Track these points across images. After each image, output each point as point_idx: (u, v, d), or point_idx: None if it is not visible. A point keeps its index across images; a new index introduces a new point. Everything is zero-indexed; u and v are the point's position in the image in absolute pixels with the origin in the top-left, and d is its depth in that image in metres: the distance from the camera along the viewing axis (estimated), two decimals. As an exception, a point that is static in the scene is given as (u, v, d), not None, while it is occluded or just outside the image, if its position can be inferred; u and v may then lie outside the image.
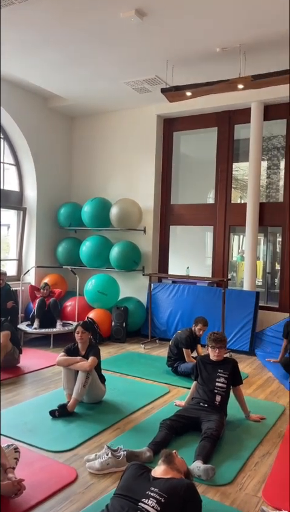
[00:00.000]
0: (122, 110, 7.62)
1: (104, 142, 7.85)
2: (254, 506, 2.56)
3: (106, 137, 7.82)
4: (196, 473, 2.79)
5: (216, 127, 7.10)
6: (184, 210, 7.45)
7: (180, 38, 4.91)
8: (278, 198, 6.85)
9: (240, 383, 3.78)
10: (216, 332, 3.83)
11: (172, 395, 4.42)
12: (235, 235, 7.80)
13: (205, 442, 3.12)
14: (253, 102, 6.50)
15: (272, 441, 3.45)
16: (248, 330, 6.23)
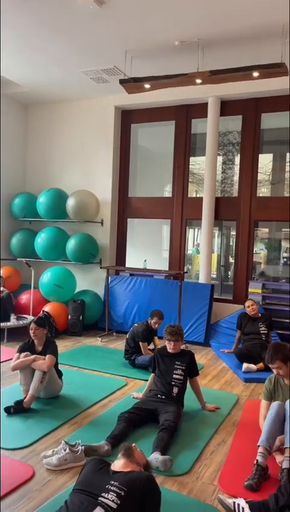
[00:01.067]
0: (79, 100, 7.48)
1: (60, 131, 7.68)
2: (211, 494, 2.63)
3: (63, 126, 7.66)
4: (154, 465, 2.82)
5: (174, 121, 7.14)
6: (142, 203, 7.46)
7: (139, 29, 4.87)
8: (232, 193, 7.01)
9: (196, 374, 3.86)
10: (172, 326, 3.87)
11: (129, 388, 4.44)
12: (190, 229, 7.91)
13: (163, 434, 3.17)
14: (210, 97, 6.59)
15: (226, 429, 3.56)
16: (203, 322, 6.36)
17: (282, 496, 2.20)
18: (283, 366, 3.10)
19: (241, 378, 4.86)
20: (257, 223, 6.79)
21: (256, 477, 2.67)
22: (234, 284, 6.85)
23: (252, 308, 5.53)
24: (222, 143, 7.06)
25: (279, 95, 6.32)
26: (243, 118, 6.67)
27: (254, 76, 4.90)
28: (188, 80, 5.17)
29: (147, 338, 5.13)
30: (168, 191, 7.46)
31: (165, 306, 6.21)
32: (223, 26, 4.71)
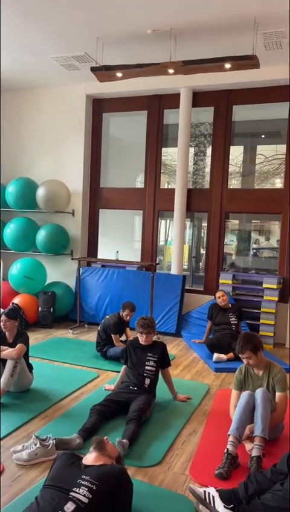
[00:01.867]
0: (50, 87, 7.30)
1: (30, 119, 7.49)
2: (182, 484, 2.66)
3: (33, 114, 7.47)
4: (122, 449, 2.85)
5: (146, 111, 7.08)
6: (114, 193, 7.40)
7: (111, 16, 4.78)
8: (204, 185, 7.05)
9: (168, 365, 3.88)
10: (144, 318, 3.87)
11: (101, 380, 4.43)
12: (162, 220, 7.92)
13: (130, 425, 3.17)
14: (182, 88, 6.56)
15: (197, 419, 3.60)
16: (175, 313, 6.41)
17: (251, 483, 2.24)
18: (253, 356, 3.15)
19: (212, 368, 4.93)
20: (228, 214, 6.86)
21: (226, 466, 2.72)
22: (205, 275, 6.91)
23: (222, 299, 5.61)
24: (194, 134, 7.07)
25: (251, 88, 6.36)
26: (215, 109, 6.69)
27: (226, 67, 4.90)
28: (161, 70, 5.12)
29: (119, 330, 5.12)
30: (140, 181, 7.43)
31: (137, 297, 6.20)
32: (195, 16, 4.68)
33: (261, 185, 6.95)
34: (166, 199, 6.98)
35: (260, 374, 3.23)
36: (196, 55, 5.34)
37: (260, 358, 3.18)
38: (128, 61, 5.59)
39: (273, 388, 3.17)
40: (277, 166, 6.72)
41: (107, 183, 7.55)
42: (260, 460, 2.75)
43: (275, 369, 3.22)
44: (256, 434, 2.87)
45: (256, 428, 2.89)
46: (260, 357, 3.19)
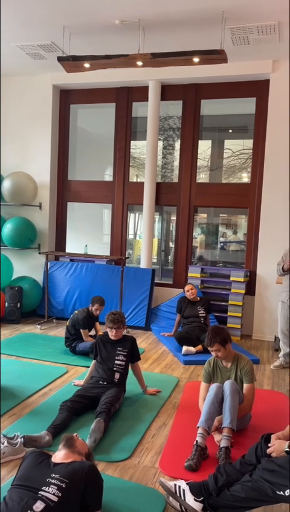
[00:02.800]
0: (15, 76, 7.09)
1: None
2: (152, 477, 2.67)
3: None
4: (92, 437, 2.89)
5: (115, 103, 7.00)
6: (82, 186, 7.30)
7: (78, 4, 4.67)
8: (173, 179, 7.06)
9: (138, 359, 3.89)
10: (114, 313, 3.85)
11: (70, 375, 4.39)
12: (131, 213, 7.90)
13: (99, 419, 3.16)
14: (151, 81, 6.53)
15: (167, 412, 3.63)
16: (144, 306, 6.42)
17: (221, 475, 2.28)
18: (221, 349, 3.19)
19: (181, 361, 4.98)
20: (196, 208, 6.91)
21: (195, 458, 2.76)
22: (174, 268, 6.95)
23: (191, 292, 5.66)
24: (163, 128, 7.05)
25: (218, 82, 6.40)
26: (183, 103, 6.69)
27: (194, 61, 4.90)
28: (129, 62, 5.06)
29: (88, 324, 5.08)
30: (109, 174, 7.36)
31: (106, 291, 6.17)
32: (163, 8, 4.64)
33: (229, 179, 7.04)
34: (135, 193, 6.95)
35: (228, 366, 3.29)
36: (165, 48, 5.31)
37: (228, 351, 3.23)
38: (97, 52, 5.50)
39: (241, 380, 3.23)
40: (244, 160, 6.81)
41: (76, 176, 7.44)
42: (229, 451, 2.81)
43: (243, 361, 3.28)
44: (224, 425, 2.92)
45: (224, 419, 2.94)
46: (229, 349, 3.24)
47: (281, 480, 2.04)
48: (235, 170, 7.02)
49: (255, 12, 4.62)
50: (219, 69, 5.85)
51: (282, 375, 4.69)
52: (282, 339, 4.99)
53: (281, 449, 2.16)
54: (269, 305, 6.08)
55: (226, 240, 7.57)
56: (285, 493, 2.02)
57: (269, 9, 4.54)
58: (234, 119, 7.21)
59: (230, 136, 7.34)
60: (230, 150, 7.09)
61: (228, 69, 5.90)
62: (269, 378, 4.59)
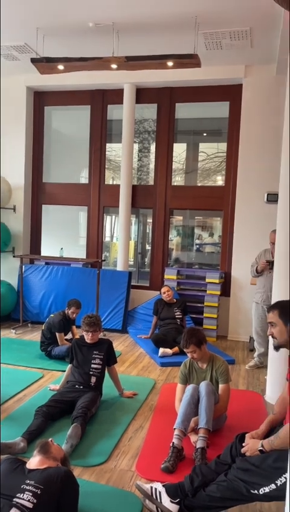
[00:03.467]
0: (-13, 77, 6.98)
1: None
2: (129, 480, 2.67)
3: None
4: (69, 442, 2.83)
5: (89, 105, 6.98)
6: (57, 189, 7.25)
7: (51, 6, 4.64)
8: (148, 181, 7.09)
9: (114, 362, 3.88)
10: (90, 316, 3.83)
11: (46, 380, 4.34)
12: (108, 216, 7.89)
13: (75, 424, 3.13)
14: (126, 84, 6.54)
15: (144, 415, 3.63)
16: (121, 309, 6.41)
17: (196, 476, 2.29)
18: (197, 350, 3.22)
19: (157, 363, 4.99)
20: (172, 211, 6.96)
21: (172, 459, 2.77)
22: (151, 270, 6.97)
23: (167, 294, 5.68)
24: (138, 130, 7.08)
25: (192, 86, 6.46)
26: (158, 106, 6.73)
27: (168, 65, 4.94)
28: (104, 64, 5.06)
29: (64, 328, 5.03)
30: (85, 177, 7.33)
31: (83, 294, 6.13)
32: (137, 12, 4.66)
33: (204, 182, 7.11)
34: (111, 195, 6.94)
35: (203, 367, 3.32)
36: (139, 52, 5.33)
37: (203, 352, 3.26)
38: (71, 54, 5.48)
39: (216, 380, 3.27)
40: (219, 164, 6.90)
41: (50, 178, 7.38)
42: (205, 451, 2.83)
43: (218, 361, 3.31)
44: (200, 426, 2.94)
45: (200, 420, 2.97)
46: (204, 350, 3.27)
47: (256, 479, 2.07)
48: (210, 173, 7.11)
49: (227, 18, 4.69)
50: (192, 73, 5.91)
51: (257, 375, 4.76)
52: (256, 339, 5.07)
53: (255, 448, 2.19)
54: (244, 306, 6.16)
55: (202, 242, 7.65)
56: (259, 492, 2.05)
57: (241, 15, 4.62)
58: (209, 123, 7.30)
59: (205, 140, 7.43)
60: (205, 153, 7.18)
61: (201, 73, 5.97)
62: (244, 378, 4.65)
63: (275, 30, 4.85)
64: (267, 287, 4.78)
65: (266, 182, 5.96)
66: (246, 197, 6.17)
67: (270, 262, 4.65)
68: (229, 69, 6.05)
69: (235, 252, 6.29)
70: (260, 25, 4.81)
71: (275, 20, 4.61)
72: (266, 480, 2.03)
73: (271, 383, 4.10)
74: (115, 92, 6.74)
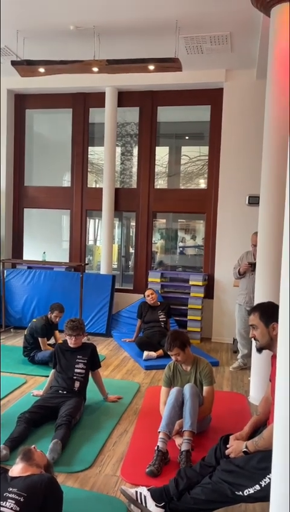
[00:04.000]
0: None
1: None
2: (113, 486, 2.64)
3: None
4: (52, 456, 2.79)
5: (71, 108, 6.96)
6: (39, 192, 7.19)
7: (31, 8, 4.61)
8: (131, 185, 7.09)
9: (98, 366, 3.85)
10: (73, 320, 3.80)
11: (29, 386, 4.28)
12: (91, 219, 7.87)
13: (60, 430, 3.10)
14: (107, 87, 6.54)
15: (128, 419, 3.61)
16: (105, 313, 6.37)
17: (181, 479, 2.29)
18: (181, 353, 3.22)
19: (142, 366, 4.97)
20: (155, 214, 6.97)
21: (157, 463, 2.75)
22: (134, 273, 6.96)
23: (151, 297, 5.68)
24: (120, 134, 7.08)
25: (174, 90, 6.50)
26: (140, 109, 6.75)
27: (149, 69, 4.96)
28: (85, 67, 5.05)
29: (47, 333, 4.98)
30: (67, 180, 7.29)
31: (66, 299, 6.07)
32: (118, 15, 4.67)
33: (187, 185, 7.15)
34: (94, 198, 6.92)
35: (188, 370, 3.32)
36: (121, 55, 5.33)
37: (187, 354, 3.27)
38: (52, 57, 5.45)
39: (200, 382, 3.27)
40: (201, 167, 6.94)
41: (32, 182, 7.32)
42: (189, 454, 2.82)
43: (202, 364, 3.32)
44: (185, 429, 2.94)
45: (185, 423, 2.96)
46: (188, 353, 3.27)
47: (240, 481, 2.07)
48: (193, 176, 7.15)
49: (207, 22, 4.73)
50: (174, 76, 5.94)
51: (241, 376, 4.79)
52: (240, 340, 5.10)
53: (239, 449, 2.20)
54: (227, 308, 6.20)
55: (185, 244, 7.68)
56: (244, 493, 2.05)
57: (221, 20, 4.67)
58: (190, 126, 7.35)
59: (187, 143, 7.47)
60: (187, 156, 7.22)
61: (183, 77, 6.01)
62: (228, 380, 4.67)
63: (255, 35, 4.91)
64: (249, 288, 4.82)
65: (247, 184, 6.02)
66: (228, 199, 6.22)
67: (252, 264, 4.69)
68: (210, 73, 6.10)
69: (218, 254, 6.33)
70: (240, 30, 4.87)
71: (254, 25, 4.68)
72: (251, 481, 2.03)
73: (255, 384, 4.12)
74: (97, 95, 6.73)
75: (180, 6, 4.43)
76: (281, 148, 3.82)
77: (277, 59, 3.87)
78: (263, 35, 4.58)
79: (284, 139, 3.83)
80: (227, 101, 6.17)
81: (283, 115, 3.78)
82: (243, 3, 4.18)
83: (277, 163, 3.85)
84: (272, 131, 3.93)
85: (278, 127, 3.84)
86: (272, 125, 3.94)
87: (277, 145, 3.86)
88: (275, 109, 3.91)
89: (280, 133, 3.79)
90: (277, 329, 2.09)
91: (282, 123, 3.78)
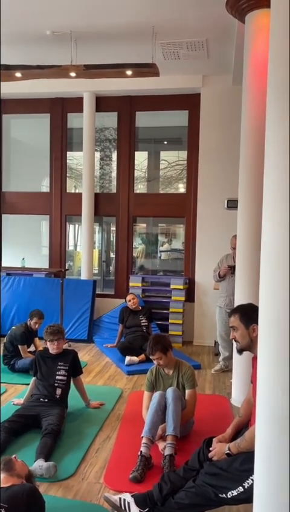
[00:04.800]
0: None
1: None
2: (97, 493, 2.61)
3: None
4: (38, 473, 2.70)
5: (49, 114, 6.92)
6: (17, 198, 7.11)
7: (7, 13, 4.58)
8: (111, 189, 7.08)
9: (80, 373, 3.81)
10: (53, 325, 3.77)
11: (9, 394, 4.20)
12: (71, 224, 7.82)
13: (46, 439, 3.05)
14: (85, 92, 6.54)
15: (111, 425, 3.58)
16: (86, 318, 6.33)
17: (165, 484, 2.28)
18: (163, 357, 3.22)
19: (124, 372, 4.95)
20: (136, 218, 6.97)
21: (140, 469, 2.74)
22: (116, 278, 6.94)
23: (133, 302, 5.67)
24: (99, 139, 7.07)
25: (152, 95, 6.53)
26: (118, 114, 6.76)
27: (127, 74, 4.97)
28: (62, 72, 5.04)
29: (27, 340, 4.91)
30: (46, 185, 7.23)
31: (46, 305, 6.00)
32: (94, 21, 4.68)
33: (166, 190, 7.18)
34: (73, 203, 6.88)
35: (170, 374, 3.32)
36: (99, 60, 5.33)
37: (169, 358, 3.27)
38: (29, 61, 5.40)
39: (183, 386, 3.28)
40: (180, 171, 6.99)
41: (10, 187, 7.23)
42: (173, 458, 2.82)
43: (184, 367, 3.33)
44: (168, 433, 2.93)
45: (168, 427, 2.96)
46: (170, 356, 3.27)
47: (223, 483, 2.07)
48: (172, 181, 7.19)
49: (184, 28, 4.79)
50: (152, 82, 5.97)
51: (223, 379, 4.82)
52: (221, 343, 5.13)
53: (221, 452, 2.20)
54: (208, 311, 6.23)
55: (166, 248, 7.70)
56: (227, 495, 2.06)
57: (197, 26, 4.73)
58: (169, 131, 7.40)
59: (165, 148, 7.52)
60: (166, 161, 7.26)
61: (160, 83, 6.04)
62: (211, 383, 4.69)
63: (230, 41, 4.99)
64: (229, 291, 4.86)
65: (226, 188, 6.09)
66: (207, 203, 6.28)
67: (232, 267, 4.74)
68: (187, 79, 6.17)
69: (198, 258, 6.37)
70: (216, 36, 4.94)
71: (229, 31, 4.75)
72: (234, 483, 2.04)
73: (236, 386, 4.15)
74: (75, 100, 6.71)
75: (157, 12, 4.47)
76: (258, 153, 3.87)
77: (252, 65, 3.94)
78: (238, 42, 4.66)
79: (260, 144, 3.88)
80: (204, 107, 6.24)
81: (259, 119, 3.84)
82: (218, 10, 4.24)
83: (254, 168, 3.91)
84: (249, 136, 3.99)
85: (254, 131, 3.91)
86: (248, 130, 4.01)
87: (253, 149, 3.92)
88: (251, 114, 3.97)
89: (257, 137, 3.84)
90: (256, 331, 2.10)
91: (258, 128, 3.84)
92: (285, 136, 1.57)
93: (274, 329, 1.61)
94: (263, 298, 1.68)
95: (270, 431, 1.62)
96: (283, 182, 1.57)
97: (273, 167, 1.62)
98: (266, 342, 1.66)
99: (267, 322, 1.65)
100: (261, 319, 1.69)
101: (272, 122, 1.63)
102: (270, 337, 1.63)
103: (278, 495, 1.59)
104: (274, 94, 1.63)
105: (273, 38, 1.65)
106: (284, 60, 1.58)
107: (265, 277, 1.67)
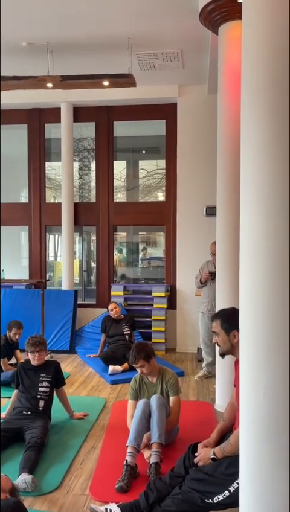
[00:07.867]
0: None
1: None
2: (82, 505, 2.58)
3: None
4: (22, 487, 2.65)
5: (26, 124, 6.90)
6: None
7: (-18, 25, 4.57)
8: (90, 199, 7.08)
9: (63, 384, 3.77)
10: (34, 336, 3.72)
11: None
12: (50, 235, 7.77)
13: (29, 452, 3.00)
14: (62, 103, 6.55)
15: (96, 435, 3.54)
16: (68, 329, 6.28)
17: (151, 492, 2.27)
18: (146, 365, 3.22)
19: (107, 381, 4.92)
20: (116, 227, 6.98)
21: (126, 478, 2.71)
22: (97, 288, 6.92)
23: (115, 311, 5.65)
24: (78, 149, 7.08)
25: (129, 105, 6.59)
26: (96, 124, 6.79)
27: (104, 84, 5.02)
28: (39, 83, 5.05)
29: (7, 353, 4.84)
30: (25, 196, 7.19)
31: (27, 317, 5.92)
32: (70, 32, 4.72)
33: (145, 198, 7.23)
34: (53, 213, 6.85)
35: (154, 381, 3.31)
36: (76, 71, 5.36)
37: (153, 366, 3.27)
38: (5, 72, 5.40)
39: (167, 393, 3.27)
40: (159, 180, 7.05)
41: (-12, 199, 7.15)
42: (158, 466, 2.80)
43: (168, 374, 3.33)
44: (153, 441, 2.92)
45: (153, 435, 2.95)
46: (153, 364, 3.27)
47: (209, 488, 2.08)
48: (151, 189, 7.25)
49: (159, 40, 4.87)
50: (129, 92, 6.03)
51: (206, 385, 4.83)
52: (204, 349, 5.16)
53: (207, 457, 2.21)
54: (190, 318, 6.27)
55: (147, 257, 7.72)
56: (214, 500, 2.06)
57: (171, 37, 4.81)
58: (147, 141, 7.47)
59: (144, 157, 7.58)
60: (145, 170, 7.31)
61: (137, 93, 6.11)
62: (194, 389, 4.70)
63: (205, 52, 5.09)
64: (211, 297, 4.90)
65: (204, 196, 6.16)
66: (187, 211, 6.34)
67: (213, 273, 4.78)
68: (164, 89, 6.25)
69: (179, 265, 6.41)
70: (190, 47, 5.03)
71: (203, 42, 4.85)
72: (220, 488, 2.05)
73: (220, 391, 4.17)
74: (52, 111, 6.72)
75: (132, 24, 4.54)
76: (234, 160, 3.95)
77: (227, 75, 4.03)
78: (212, 52, 4.75)
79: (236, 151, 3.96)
80: (181, 116, 6.33)
81: (235, 127, 3.91)
82: (192, 22, 4.33)
83: (230, 175, 3.97)
84: (225, 143, 4.07)
85: (230, 139, 3.98)
86: (224, 138, 4.08)
87: (229, 157, 3.99)
88: (226, 122, 4.05)
89: (233, 144, 3.91)
90: (237, 337, 2.13)
91: (234, 135, 3.91)
92: (259, 142, 1.61)
93: (254, 333, 1.64)
94: (242, 302, 1.71)
95: (253, 433, 1.64)
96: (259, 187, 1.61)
97: (249, 172, 1.66)
98: (246, 345, 1.68)
99: (247, 325, 1.68)
100: (241, 322, 1.71)
101: (247, 129, 1.68)
102: (251, 340, 1.65)
103: (263, 497, 1.60)
104: (248, 102, 1.67)
105: (245, 48, 1.70)
106: (256, 69, 1.62)
107: (244, 281, 1.70)
